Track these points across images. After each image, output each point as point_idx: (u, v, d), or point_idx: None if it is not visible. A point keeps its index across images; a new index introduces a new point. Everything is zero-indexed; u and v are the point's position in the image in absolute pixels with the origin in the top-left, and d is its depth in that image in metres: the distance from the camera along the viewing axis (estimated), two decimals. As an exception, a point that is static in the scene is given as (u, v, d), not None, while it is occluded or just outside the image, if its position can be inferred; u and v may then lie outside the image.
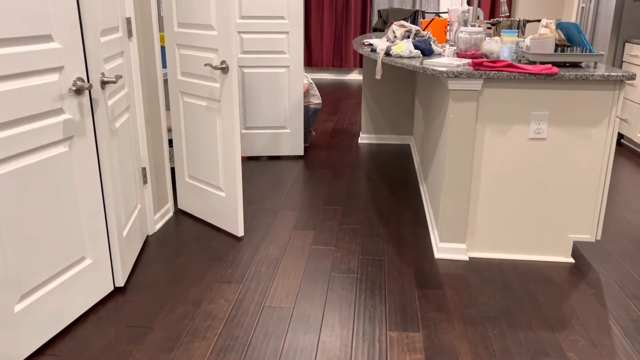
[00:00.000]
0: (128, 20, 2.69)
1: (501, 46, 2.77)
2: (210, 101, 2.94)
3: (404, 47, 3.02)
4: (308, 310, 2.37)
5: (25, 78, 1.89)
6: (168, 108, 4.02)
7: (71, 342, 2.13)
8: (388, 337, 2.19)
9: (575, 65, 2.70)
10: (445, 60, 2.87)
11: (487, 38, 2.94)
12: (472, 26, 3.35)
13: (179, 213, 3.37)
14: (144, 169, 2.94)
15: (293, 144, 4.48)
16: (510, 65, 2.55)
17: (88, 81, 2.19)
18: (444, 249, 2.84)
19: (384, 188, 3.84)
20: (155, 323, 2.26)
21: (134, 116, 2.80)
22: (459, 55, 2.95)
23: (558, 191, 2.72)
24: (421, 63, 2.78)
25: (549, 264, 2.78)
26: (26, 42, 1.88)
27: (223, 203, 3.06)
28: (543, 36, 2.62)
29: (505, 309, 2.38)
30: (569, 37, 2.69)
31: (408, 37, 3.32)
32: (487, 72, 2.52)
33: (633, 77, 2.48)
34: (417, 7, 8.04)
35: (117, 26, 2.51)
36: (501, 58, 2.78)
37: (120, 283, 2.49)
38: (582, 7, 5.55)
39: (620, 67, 4.97)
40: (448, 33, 3.72)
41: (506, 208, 2.77)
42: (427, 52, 3.10)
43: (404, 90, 4.83)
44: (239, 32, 4.12)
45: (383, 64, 4.67)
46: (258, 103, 4.33)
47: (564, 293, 2.52)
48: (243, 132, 4.40)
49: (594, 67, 2.64)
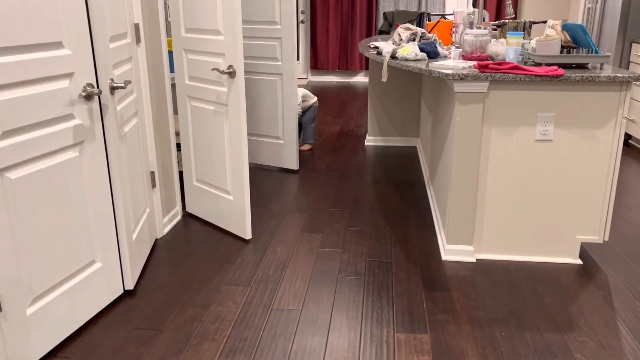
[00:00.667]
0: (136, 26, 2.72)
1: (507, 48, 2.78)
2: (217, 105, 2.96)
3: (410, 50, 3.04)
4: (316, 312, 2.38)
5: (36, 84, 1.93)
6: (176, 112, 4.05)
7: (82, 345, 2.15)
8: (396, 339, 2.19)
9: (581, 66, 2.70)
10: (451, 62, 2.89)
11: (493, 40, 2.94)
12: (478, 28, 3.36)
13: (187, 216, 3.39)
14: (153, 173, 2.97)
15: (287, 156, 4.18)
16: (516, 67, 2.55)
17: (97, 87, 2.22)
18: (451, 251, 2.84)
19: (391, 190, 3.85)
20: (164, 326, 2.28)
21: (143, 121, 2.83)
22: (465, 57, 2.96)
23: (565, 192, 2.72)
24: (427, 66, 2.79)
25: (557, 266, 2.78)
26: (37, 49, 1.91)
27: (231, 206, 3.08)
28: (549, 38, 2.62)
29: (512, 311, 2.38)
30: (575, 39, 2.70)
31: (414, 40, 3.33)
32: (493, 75, 2.53)
33: (639, 78, 2.49)
34: (423, 10, 8.05)
35: (126, 32, 2.54)
36: (507, 60, 2.78)
37: (129, 286, 2.52)
38: (589, 8, 5.54)
39: (627, 68, 4.95)
40: (454, 35, 3.72)
41: (513, 210, 2.77)
42: (433, 55, 3.11)
43: (410, 92, 4.84)
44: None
45: (389, 67, 4.68)
46: (250, 112, 4.16)
47: (572, 294, 2.52)
48: None
49: (600, 69, 2.64)
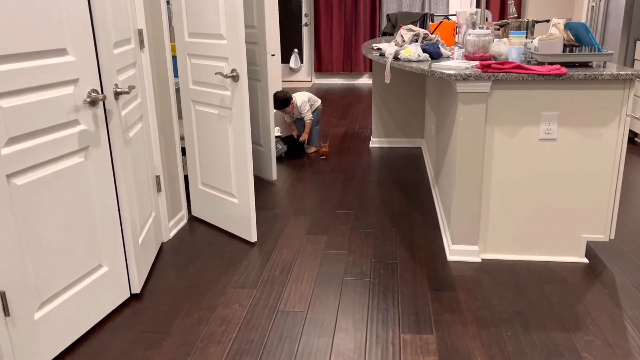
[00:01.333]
0: (140, 31, 2.74)
1: (509, 48, 2.78)
2: (221, 109, 2.97)
3: (412, 51, 3.04)
4: (322, 313, 2.38)
5: (41, 91, 1.94)
6: (180, 117, 4.07)
7: (89, 349, 2.17)
8: (401, 340, 2.19)
9: (584, 65, 2.70)
10: (453, 63, 2.89)
11: (495, 40, 2.94)
12: (481, 28, 3.36)
13: (193, 220, 3.41)
14: (158, 177, 2.99)
15: (266, 166, 3.95)
16: (518, 66, 2.55)
17: (102, 92, 2.24)
18: (457, 251, 2.84)
19: (396, 191, 3.85)
20: (171, 329, 2.29)
21: (147, 125, 2.85)
22: (468, 57, 2.96)
23: (570, 191, 2.71)
24: (429, 66, 2.79)
25: (563, 265, 2.77)
26: (42, 56, 1.93)
27: (236, 209, 3.09)
28: (551, 37, 2.62)
29: (518, 310, 2.38)
30: (578, 37, 2.69)
31: (416, 41, 3.33)
32: (496, 74, 2.53)
33: (643, 76, 2.48)
34: (426, 11, 8.05)
35: (130, 38, 2.56)
36: (509, 59, 2.78)
37: (136, 290, 2.53)
38: (592, 6, 5.52)
39: (631, 66, 4.93)
40: (456, 36, 3.73)
41: (518, 209, 2.77)
42: (436, 56, 3.11)
43: (414, 93, 4.84)
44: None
45: (392, 68, 4.68)
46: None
47: (578, 293, 2.51)
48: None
49: (604, 67, 2.63)
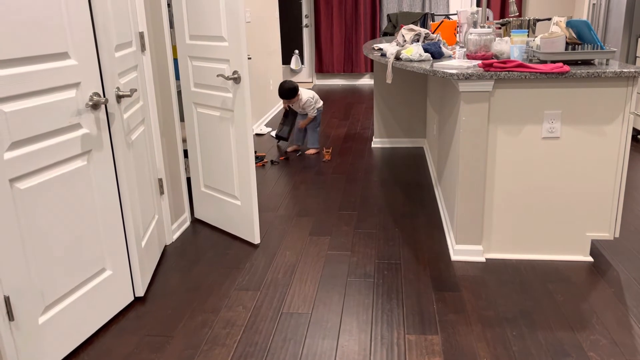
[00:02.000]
0: (141, 34, 2.74)
1: (511, 46, 2.77)
2: (223, 111, 2.97)
3: (414, 51, 3.03)
4: (326, 315, 2.38)
5: (43, 95, 1.94)
6: (182, 119, 4.07)
7: (94, 352, 2.17)
8: (406, 341, 2.19)
9: (586, 62, 2.69)
10: (455, 62, 2.88)
11: (497, 39, 2.94)
12: (482, 27, 3.35)
13: (196, 222, 3.41)
14: (161, 180, 2.99)
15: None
16: (520, 65, 2.54)
17: (104, 96, 2.24)
18: (460, 251, 2.83)
19: (399, 191, 3.84)
20: (175, 332, 2.29)
21: (149, 128, 2.85)
22: (469, 56, 2.95)
23: (574, 189, 2.70)
24: (431, 66, 2.79)
25: (567, 264, 2.76)
26: (44, 60, 1.93)
27: (239, 211, 3.09)
28: (553, 35, 2.61)
29: (523, 310, 2.37)
30: (580, 35, 2.68)
31: (417, 41, 3.33)
32: (498, 73, 2.52)
33: (646, 73, 2.47)
34: (427, 10, 8.05)
35: (131, 41, 2.56)
36: (511, 58, 2.78)
37: (140, 293, 2.53)
38: (594, 4, 5.51)
39: (633, 64, 4.92)
40: (458, 35, 3.72)
41: (522, 208, 2.76)
42: (437, 55, 3.10)
43: (416, 93, 4.83)
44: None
45: (393, 68, 4.68)
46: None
47: (583, 292, 2.50)
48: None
49: (606, 64, 2.63)
